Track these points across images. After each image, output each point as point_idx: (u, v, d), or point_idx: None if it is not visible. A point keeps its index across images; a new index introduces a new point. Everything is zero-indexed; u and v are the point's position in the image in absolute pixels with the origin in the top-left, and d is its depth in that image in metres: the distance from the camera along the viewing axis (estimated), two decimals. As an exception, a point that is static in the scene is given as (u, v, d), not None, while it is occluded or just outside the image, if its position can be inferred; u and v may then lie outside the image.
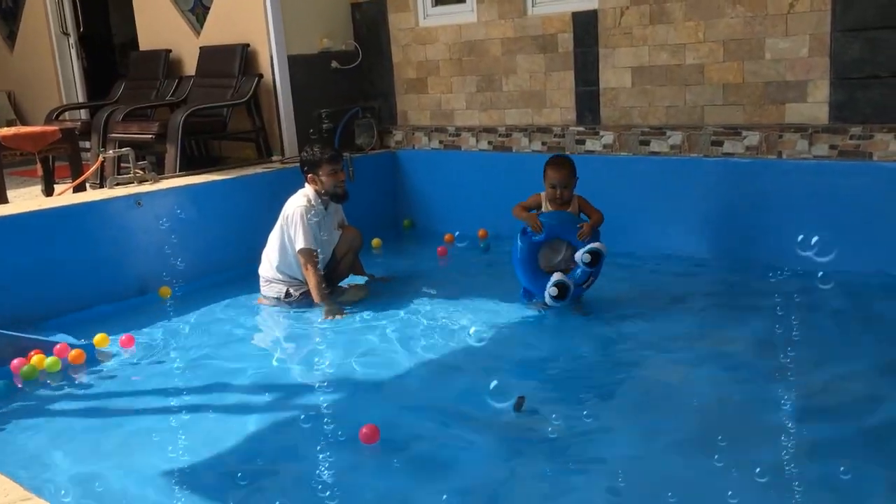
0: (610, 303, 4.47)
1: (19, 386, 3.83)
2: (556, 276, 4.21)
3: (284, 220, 4.72)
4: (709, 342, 3.89)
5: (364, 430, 3.04)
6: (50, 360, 3.94)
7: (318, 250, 4.67)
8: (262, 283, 4.89)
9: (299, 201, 4.70)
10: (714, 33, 5.05)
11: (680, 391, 3.42)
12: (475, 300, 4.64)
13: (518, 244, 4.35)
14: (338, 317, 4.49)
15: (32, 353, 3.98)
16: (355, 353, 4.00)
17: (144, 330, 4.45)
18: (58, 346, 4.05)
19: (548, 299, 4.23)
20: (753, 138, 4.97)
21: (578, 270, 4.27)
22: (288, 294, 4.79)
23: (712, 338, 3.95)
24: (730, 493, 2.51)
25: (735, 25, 4.96)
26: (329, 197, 4.78)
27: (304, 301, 4.75)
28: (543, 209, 4.43)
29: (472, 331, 4.21)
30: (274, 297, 4.83)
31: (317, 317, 4.55)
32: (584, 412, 3.26)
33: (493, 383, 3.41)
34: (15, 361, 3.92)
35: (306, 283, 4.71)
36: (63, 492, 2.82)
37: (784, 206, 4.83)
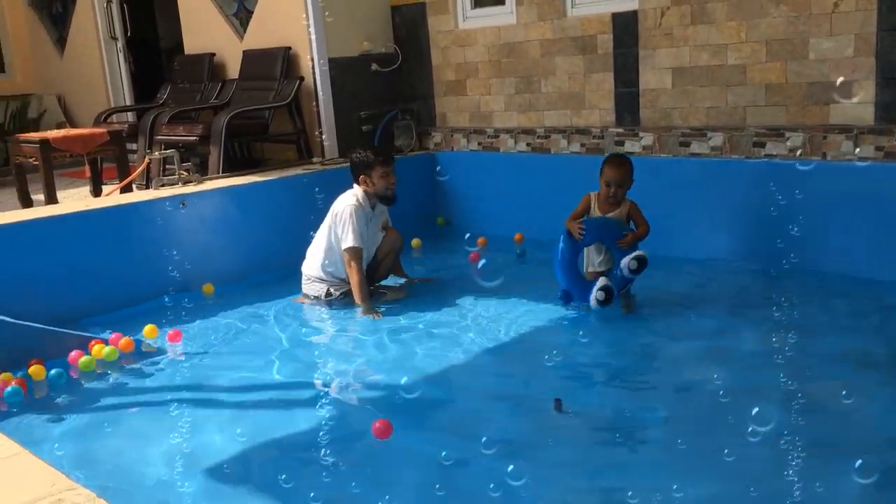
0: (651, 305, 4.46)
1: (74, 376, 3.96)
2: (601, 281, 4.24)
3: (333, 217, 4.76)
4: (748, 346, 3.85)
5: (377, 424, 3.05)
6: (108, 349, 4.08)
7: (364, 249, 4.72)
8: (304, 280, 4.95)
9: (349, 200, 4.74)
10: (756, 33, 4.99)
11: (718, 396, 3.39)
12: (513, 301, 4.64)
13: (560, 246, 4.37)
14: (376, 317, 4.53)
15: (92, 343, 4.12)
16: (392, 353, 4.04)
17: (188, 326, 4.55)
18: (112, 336, 4.19)
19: (593, 304, 4.25)
20: (797, 139, 4.90)
21: (618, 274, 4.29)
22: (328, 294, 4.85)
23: (751, 341, 3.90)
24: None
25: (778, 25, 4.89)
26: (378, 199, 4.83)
27: (344, 301, 4.80)
28: (593, 207, 4.44)
29: (510, 332, 4.23)
30: (314, 296, 4.89)
31: (355, 317, 4.60)
32: (624, 415, 3.26)
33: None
34: (73, 353, 4.05)
35: (348, 283, 4.76)
36: (107, 482, 2.90)
37: (828, 208, 4.75)
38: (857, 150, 4.66)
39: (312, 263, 4.89)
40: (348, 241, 4.64)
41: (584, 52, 5.87)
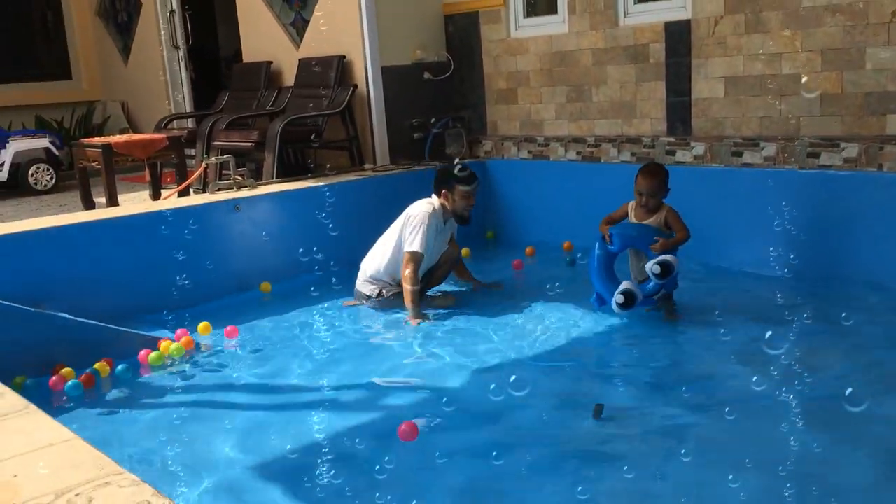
0: (698, 315, 4.42)
1: (143, 373, 4.12)
2: (623, 285, 4.27)
3: (406, 219, 4.80)
4: (794, 360, 3.77)
5: (403, 426, 3.08)
6: (175, 346, 4.23)
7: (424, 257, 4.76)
8: (360, 276, 5.00)
9: (426, 207, 4.79)
10: (812, 43, 4.92)
11: (758, 408, 3.35)
12: (560, 309, 4.65)
13: (595, 252, 4.45)
14: (424, 322, 4.58)
15: (161, 341, 4.28)
16: (437, 358, 4.08)
17: (243, 325, 4.67)
18: (177, 332, 4.37)
19: (614, 307, 4.29)
20: (852, 150, 4.81)
21: (651, 282, 4.29)
22: (380, 294, 4.92)
23: (799, 356, 3.82)
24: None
25: (834, 35, 4.82)
26: (454, 216, 4.89)
27: (393, 303, 4.86)
28: (630, 216, 4.45)
29: (554, 338, 4.25)
30: (365, 295, 4.95)
31: (403, 320, 4.65)
32: (662, 425, 3.24)
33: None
34: (142, 353, 4.20)
35: (401, 286, 4.79)
36: (154, 469, 3.01)
37: (884, 221, 4.65)
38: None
39: (373, 262, 4.95)
40: (414, 244, 4.69)
41: (636, 61, 5.85)
